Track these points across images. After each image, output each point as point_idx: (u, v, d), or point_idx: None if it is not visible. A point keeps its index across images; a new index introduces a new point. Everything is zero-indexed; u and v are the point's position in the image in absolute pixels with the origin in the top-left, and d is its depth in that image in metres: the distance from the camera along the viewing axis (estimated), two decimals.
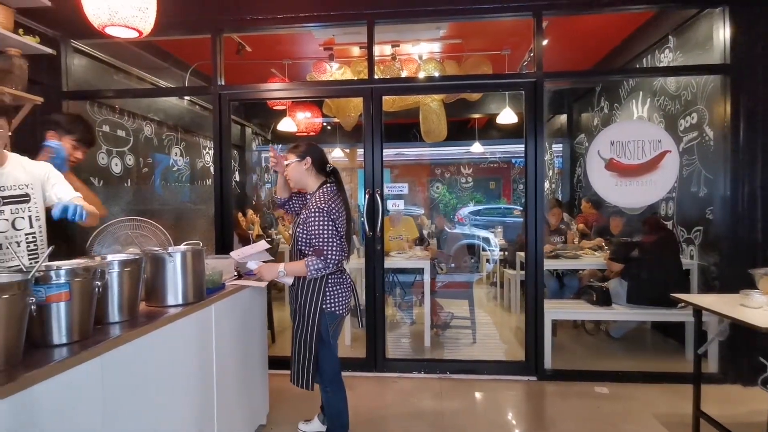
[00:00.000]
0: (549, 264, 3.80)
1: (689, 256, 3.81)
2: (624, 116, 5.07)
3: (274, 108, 5.55)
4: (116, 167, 4.06)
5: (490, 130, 8.17)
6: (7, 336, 1.11)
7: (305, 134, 5.71)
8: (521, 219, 5.98)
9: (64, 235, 2.21)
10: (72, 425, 1.21)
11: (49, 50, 3.11)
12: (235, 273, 2.35)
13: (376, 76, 3.40)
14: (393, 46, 4.67)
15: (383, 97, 3.36)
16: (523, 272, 4.30)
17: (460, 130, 7.90)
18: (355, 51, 4.87)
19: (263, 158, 7.89)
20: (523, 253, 4.45)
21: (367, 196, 3.25)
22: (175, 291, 1.77)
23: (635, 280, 3.59)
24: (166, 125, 4.86)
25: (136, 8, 1.87)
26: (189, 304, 1.79)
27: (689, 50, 3.78)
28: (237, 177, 6.68)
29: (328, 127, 7.63)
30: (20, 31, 2.95)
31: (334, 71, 4.73)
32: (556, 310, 3.56)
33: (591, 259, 4.27)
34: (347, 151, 8.64)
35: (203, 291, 1.89)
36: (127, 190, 4.19)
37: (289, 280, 2.17)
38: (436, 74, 4.58)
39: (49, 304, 1.27)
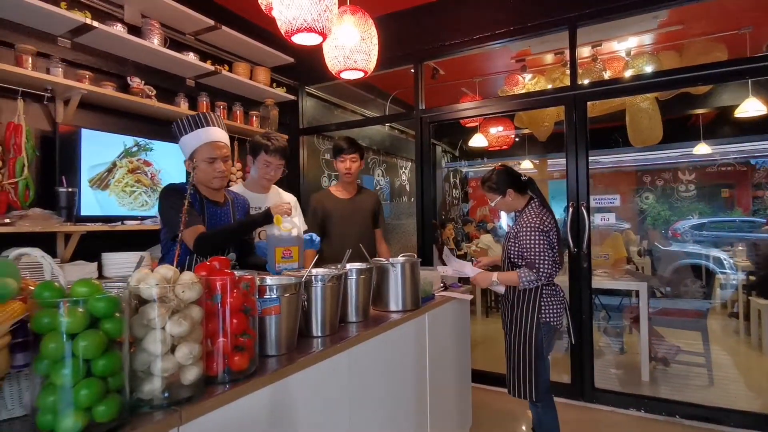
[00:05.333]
0: None
1: None
2: None
3: (466, 125, 5.70)
4: None
5: (719, 127, 6.72)
6: (287, 327, 1.40)
7: (497, 149, 5.70)
8: None
9: None
10: (325, 409, 1.45)
11: (291, 97, 3.88)
12: (442, 284, 2.48)
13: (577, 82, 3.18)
14: (593, 46, 4.31)
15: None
16: None
17: (677, 130, 6.72)
18: (548, 58, 4.66)
19: (451, 174, 8.15)
20: None
21: (570, 210, 3.05)
22: (396, 298, 1.97)
23: None
24: (371, 149, 5.49)
25: (365, 53, 2.19)
26: (408, 310, 1.96)
27: None
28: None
29: (517, 139, 7.45)
30: (273, 84, 3.76)
31: (527, 82, 4.62)
32: None
33: None
34: (536, 162, 8.26)
35: (419, 300, 2.05)
36: None
37: (501, 289, 2.30)
38: (649, 69, 4.04)
39: (311, 301, 1.56)
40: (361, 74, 2.37)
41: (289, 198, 2.50)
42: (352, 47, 2.21)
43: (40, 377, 0.83)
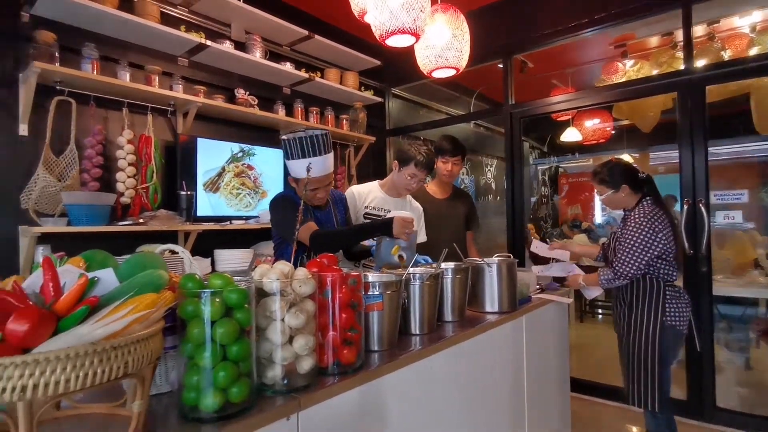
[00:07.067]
0: None
1: None
2: None
3: (557, 119, 5.40)
4: None
5: None
6: (389, 323, 1.43)
7: (593, 142, 5.32)
8: None
9: None
10: (427, 405, 1.46)
11: (378, 99, 3.96)
12: (538, 286, 2.38)
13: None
14: (709, 24, 3.84)
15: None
16: None
17: None
18: (653, 41, 4.24)
19: (539, 171, 7.77)
20: None
21: (686, 207, 2.75)
22: (492, 299, 1.93)
23: None
24: None
25: (456, 50, 2.17)
26: (504, 312, 1.91)
27: None
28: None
29: (613, 131, 6.88)
30: (362, 88, 3.86)
31: (629, 69, 4.26)
32: None
33: None
34: (636, 155, 7.57)
35: (516, 301, 1.98)
36: None
37: (592, 293, 2.21)
38: None
39: (410, 299, 1.58)
40: (452, 72, 2.34)
41: (416, 208, 2.53)
42: (443, 45, 2.20)
43: (185, 358, 0.93)
